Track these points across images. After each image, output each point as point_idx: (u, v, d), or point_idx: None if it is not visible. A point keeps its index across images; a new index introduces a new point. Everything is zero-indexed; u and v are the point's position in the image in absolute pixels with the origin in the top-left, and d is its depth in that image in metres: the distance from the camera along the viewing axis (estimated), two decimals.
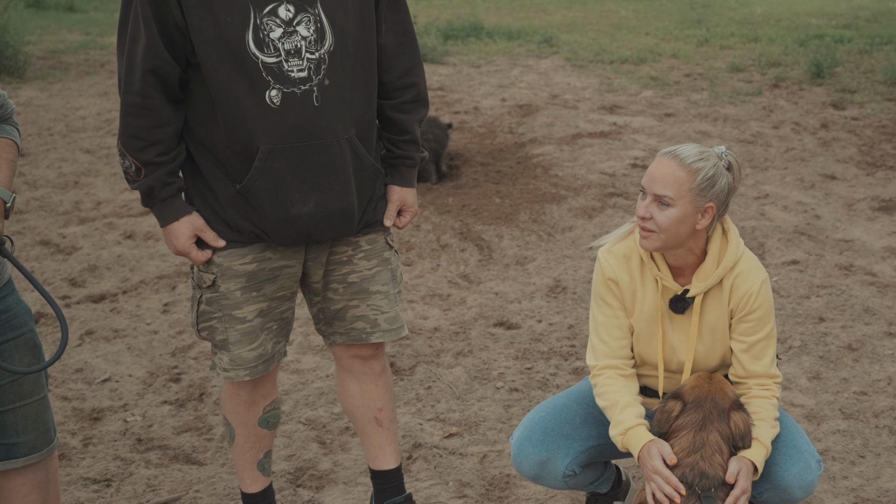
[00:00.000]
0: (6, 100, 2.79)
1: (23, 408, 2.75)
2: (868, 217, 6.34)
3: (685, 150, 2.80)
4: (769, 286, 2.93)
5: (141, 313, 5.16)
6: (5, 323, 2.69)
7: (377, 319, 3.10)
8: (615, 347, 2.98)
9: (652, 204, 2.79)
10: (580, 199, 6.67)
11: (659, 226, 2.78)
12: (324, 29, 2.80)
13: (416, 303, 5.25)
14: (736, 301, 2.90)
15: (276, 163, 2.80)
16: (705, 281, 2.88)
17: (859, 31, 12.73)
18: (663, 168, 2.78)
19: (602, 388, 2.95)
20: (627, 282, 2.95)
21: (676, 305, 2.91)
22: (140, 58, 2.73)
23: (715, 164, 2.79)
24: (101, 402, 4.33)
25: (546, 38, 12.42)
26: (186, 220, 2.89)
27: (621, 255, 2.97)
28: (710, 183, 2.78)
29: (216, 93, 2.76)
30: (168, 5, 2.70)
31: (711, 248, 2.89)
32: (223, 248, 2.91)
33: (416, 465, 3.82)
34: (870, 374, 4.44)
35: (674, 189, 2.76)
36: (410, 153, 3.09)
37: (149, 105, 2.77)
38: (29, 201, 6.76)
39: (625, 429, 2.86)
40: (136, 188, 2.87)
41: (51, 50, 12.09)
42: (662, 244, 2.82)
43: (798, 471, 2.88)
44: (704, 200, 2.78)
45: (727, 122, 8.56)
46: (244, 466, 3.24)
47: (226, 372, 3.03)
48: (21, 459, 2.78)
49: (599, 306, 3.00)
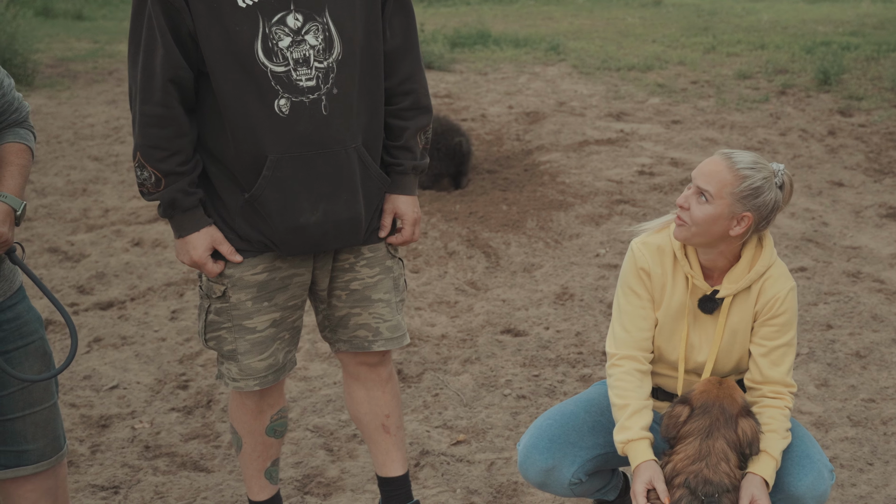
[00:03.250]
0: (21, 102, 2.79)
1: (32, 415, 2.75)
2: (876, 224, 6.33)
3: (741, 156, 2.81)
4: (796, 295, 2.93)
5: (149, 320, 5.17)
6: (15, 331, 2.69)
7: (379, 328, 3.09)
8: (638, 339, 2.97)
9: (693, 195, 2.82)
10: (587, 207, 6.67)
11: (692, 218, 2.80)
12: (332, 38, 2.80)
13: (424, 310, 5.25)
14: (762, 304, 2.90)
15: (284, 172, 2.80)
16: (736, 283, 2.89)
17: (866, 38, 12.72)
18: (714, 165, 2.80)
19: (616, 382, 2.94)
20: (659, 274, 2.95)
21: (706, 305, 2.92)
22: (159, 67, 2.72)
23: (766, 178, 2.79)
24: (109, 409, 4.34)
25: (553, 46, 12.43)
26: (206, 232, 2.88)
27: (655, 246, 2.97)
28: (753, 193, 2.78)
29: (225, 102, 2.76)
30: (181, 15, 2.71)
31: (745, 253, 2.91)
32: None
33: (424, 473, 3.82)
34: (878, 381, 4.43)
35: (715, 187, 2.77)
36: (401, 160, 3.06)
37: (170, 115, 2.76)
38: (37, 209, 6.78)
39: (628, 438, 2.86)
40: (156, 199, 2.84)
41: (59, 58, 12.13)
42: (691, 237, 2.83)
43: (811, 481, 2.87)
44: (743, 208, 2.79)
45: (734, 129, 8.56)
46: (252, 475, 3.24)
47: (234, 382, 3.02)
48: (30, 467, 2.78)
49: (626, 295, 3.00)
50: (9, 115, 2.74)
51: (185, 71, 2.75)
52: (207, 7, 2.71)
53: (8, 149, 2.73)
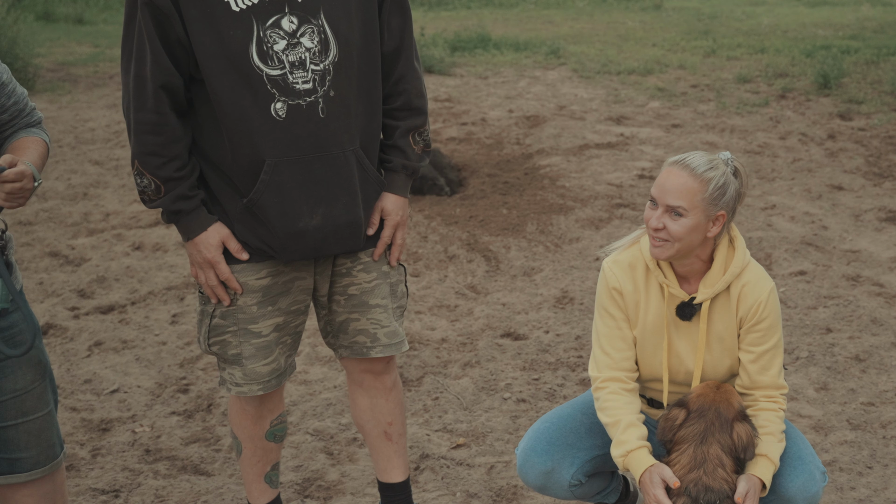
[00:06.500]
0: (33, 109, 2.81)
1: (25, 424, 2.73)
2: (875, 228, 6.33)
3: (694, 160, 2.80)
4: (776, 295, 2.93)
5: (149, 324, 5.18)
6: (9, 339, 2.67)
7: (377, 334, 3.09)
8: (618, 359, 2.97)
9: (665, 215, 2.79)
10: (587, 210, 6.68)
11: (673, 235, 2.79)
12: (328, 40, 2.79)
13: (424, 314, 5.26)
14: (745, 310, 2.90)
15: (282, 176, 2.80)
16: (712, 287, 2.89)
17: (866, 41, 12.73)
18: (675, 178, 2.78)
19: (604, 403, 2.94)
20: (631, 291, 2.95)
21: (683, 311, 2.91)
22: (150, 74, 2.72)
23: (724, 173, 2.80)
24: (110, 412, 4.34)
25: (553, 50, 12.44)
26: (214, 230, 2.88)
27: (626, 264, 2.97)
28: (721, 192, 2.79)
29: (221, 107, 2.76)
30: (170, 21, 2.70)
31: (718, 255, 2.90)
32: (237, 264, 2.91)
33: (424, 476, 3.83)
34: (877, 384, 4.43)
35: (687, 200, 2.76)
36: (391, 157, 3.05)
37: (163, 121, 2.76)
38: (38, 213, 6.79)
39: (626, 451, 2.85)
40: (157, 206, 2.84)
41: (60, 62, 12.15)
42: (676, 253, 2.83)
43: (802, 482, 2.88)
44: (716, 209, 2.80)
45: (734, 132, 8.57)
46: (252, 479, 3.25)
47: (238, 387, 3.02)
48: (23, 475, 2.77)
49: (602, 317, 3.00)
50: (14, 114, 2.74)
51: (176, 77, 2.75)
52: (200, 12, 2.70)
53: (24, 140, 2.75)
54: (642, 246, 2.95)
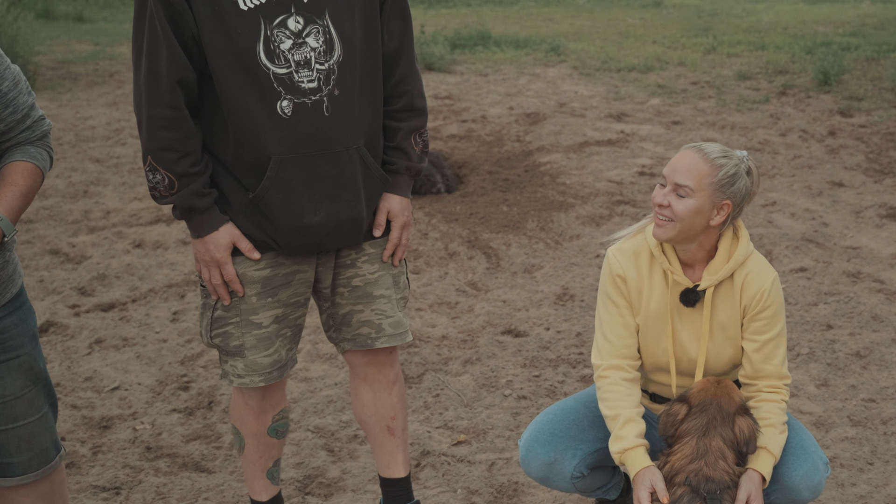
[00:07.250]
0: (38, 120, 2.69)
1: (16, 429, 2.72)
2: (876, 224, 6.33)
3: (710, 147, 2.87)
4: (780, 285, 2.96)
5: (150, 322, 5.18)
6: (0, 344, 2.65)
7: (382, 324, 3.11)
8: (619, 346, 2.99)
9: (671, 193, 2.84)
10: (588, 207, 6.68)
11: (676, 214, 2.83)
12: (332, 40, 2.82)
13: (424, 311, 5.26)
14: (748, 298, 2.92)
15: (287, 172, 2.82)
16: (716, 274, 2.91)
17: (866, 38, 12.73)
18: (687, 159, 2.84)
19: (605, 394, 2.97)
20: (635, 279, 2.97)
21: (687, 298, 2.93)
22: (165, 70, 2.73)
23: (736, 165, 2.86)
24: (111, 410, 4.35)
25: (553, 47, 12.44)
26: (225, 230, 2.89)
27: (630, 252, 3.00)
28: (730, 181, 2.83)
29: (228, 104, 2.78)
30: (184, 18, 2.72)
31: (722, 244, 2.94)
32: (238, 255, 2.92)
33: (425, 473, 3.83)
34: (878, 381, 4.44)
35: (695, 180, 2.81)
36: (394, 159, 3.07)
37: (179, 116, 2.77)
38: (38, 210, 6.79)
39: (623, 448, 2.88)
40: (170, 202, 2.84)
41: (60, 60, 12.15)
42: (677, 234, 2.85)
43: (805, 471, 2.90)
44: (722, 197, 2.83)
45: (734, 129, 8.57)
46: (253, 475, 3.25)
47: (240, 378, 3.03)
48: (15, 479, 2.75)
49: (605, 304, 3.02)
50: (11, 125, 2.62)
51: (191, 73, 2.77)
52: (210, 10, 2.73)
53: (13, 167, 2.60)
54: (647, 234, 2.98)
